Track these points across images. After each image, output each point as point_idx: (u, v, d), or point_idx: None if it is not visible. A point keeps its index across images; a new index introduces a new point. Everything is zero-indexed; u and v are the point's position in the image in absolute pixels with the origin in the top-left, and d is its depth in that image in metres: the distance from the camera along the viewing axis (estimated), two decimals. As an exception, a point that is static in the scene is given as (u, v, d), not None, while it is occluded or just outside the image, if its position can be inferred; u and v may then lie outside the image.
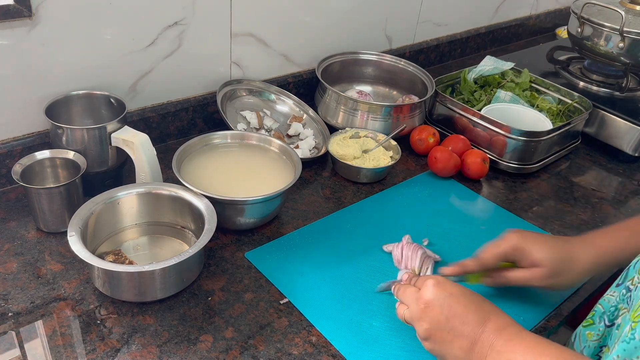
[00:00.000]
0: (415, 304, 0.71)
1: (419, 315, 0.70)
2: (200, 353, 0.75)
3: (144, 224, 0.92)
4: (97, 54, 1.01)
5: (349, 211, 1.04)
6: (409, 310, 0.73)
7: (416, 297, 0.71)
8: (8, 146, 0.98)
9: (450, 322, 0.68)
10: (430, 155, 1.16)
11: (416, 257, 0.90)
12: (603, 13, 1.36)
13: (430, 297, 0.69)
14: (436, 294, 0.69)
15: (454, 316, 0.68)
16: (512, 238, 0.82)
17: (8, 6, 0.88)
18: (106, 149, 0.95)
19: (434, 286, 0.70)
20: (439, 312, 0.68)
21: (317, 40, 1.34)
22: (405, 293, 0.74)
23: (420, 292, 0.71)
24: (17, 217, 0.94)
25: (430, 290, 0.70)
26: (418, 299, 0.71)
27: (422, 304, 0.70)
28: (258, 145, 1.06)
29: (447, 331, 0.68)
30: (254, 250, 0.93)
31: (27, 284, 0.82)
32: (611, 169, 1.29)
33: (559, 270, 0.79)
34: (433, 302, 0.69)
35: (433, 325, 0.69)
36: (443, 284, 0.70)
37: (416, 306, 0.71)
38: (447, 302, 0.68)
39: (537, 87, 1.40)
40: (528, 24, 1.95)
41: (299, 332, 0.80)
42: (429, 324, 0.69)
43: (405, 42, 1.57)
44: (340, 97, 1.22)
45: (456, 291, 0.70)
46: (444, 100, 1.28)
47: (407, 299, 0.73)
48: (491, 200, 1.13)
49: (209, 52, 1.16)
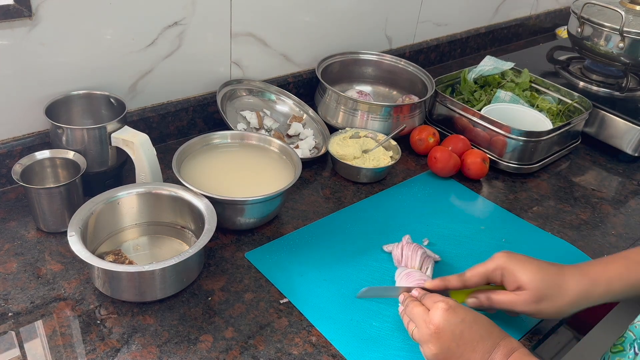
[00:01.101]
0: (425, 326, 0.71)
1: (428, 339, 0.70)
2: (200, 353, 0.75)
3: (144, 224, 0.92)
4: (97, 54, 1.01)
5: (348, 211, 1.04)
6: (418, 330, 0.72)
7: (425, 320, 0.71)
8: (8, 146, 0.98)
9: (461, 349, 0.68)
10: (430, 155, 1.16)
11: (416, 257, 0.90)
12: (603, 13, 1.36)
13: (442, 323, 0.69)
14: (447, 319, 0.69)
15: (465, 344, 0.68)
16: (499, 258, 0.79)
17: (8, 6, 0.88)
18: (106, 149, 0.95)
19: (445, 311, 0.70)
20: (449, 338, 0.68)
21: (317, 40, 1.34)
22: (413, 312, 0.73)
23: (430, 314, 0.71)
24: (17, 217, 0.94)
25: (441, 315, 0.69)
26: (427, 321, 0.70)
27: (433, 328, 0.70)
28: (258, 145, 1.06)
29: (457, 357, 0.68)
30: (254, 250, 0.93)
31: (27, 284, 0.82)
32: (611, 169, 1.29)
33: (545, 296, 0.75)
34: (445, 327, 0.69)
35: (443, 351, 0.69)
36: (455, 309, 0.70)
37: (426, 329, 0.70)
38: (458, 329, 0.68)
39: (537, 87, 1.40)
40: (528, 24, 1.95)
41: (299, 332, 0.80)
42: (439, 350, 0.69)
43: (405, 42, 1.57)
44: (340, 97, 1.22)
45: (467, 317, 0.70)
46: (444, 100, 1.28)
47: (416, 319, 0.73)
48: (491, 200, 1.13)
49: (209, 52, 1.16)
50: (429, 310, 0.71)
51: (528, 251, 0.83)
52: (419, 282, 0.84)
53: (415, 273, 0.87)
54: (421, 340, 0.71)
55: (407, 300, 0.76)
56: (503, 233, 1.03)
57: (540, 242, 1.02)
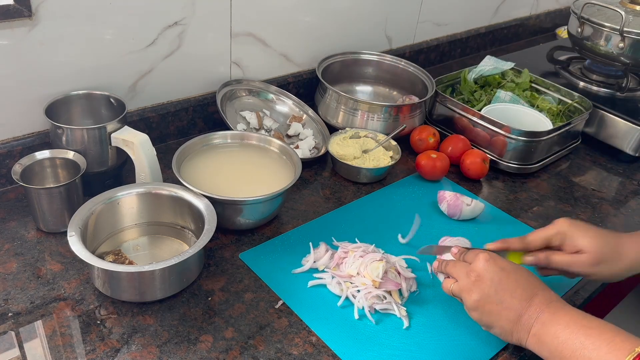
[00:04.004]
0: (466, 276, 0.75)
1: (470, 287, 0.74)
2: (200, 353, 0.75)
3: (144, 224, 0.92)
4: (97, 54, 1.01)
5: (345, 210, 1.04)
6: (458, 283, 0.76)
7: (467, 271, 0.75)
8: (8, 146, 0.98)
9: (500, 295, 0.72)
10: (416, 161, 1.16)
11: None
12: (603, 13, 1.36)
13: (482, 271, 0.74)
14: (488, 267, 0.74)
15: (504, 289, 0.72)
16: (561, 223, 0.83)
17: (8, 6, 0.88)
18: (106, 149, 0.95)
19: (486, 261, 0.74)
20: (489, 284, 0.73)
21: (317, 40, 1.34)
22: (455, 267, 0.78)
23: (472, 265, 0.75)
24: (17, 217, 0.94)
25: (482, 264, 0.74)
26: (469, 271, 0.75)
27: (474, 277, 0.74)
28: (258, 145, 1.06)
29: (495, 303, 0.72)
30: (248, 251, 0.92)
31: (27, 284, 0.82)
32: (611, 169, 1.29)
33: (603, 260, 0.80)
34: (484, 275, 0.73)
35: (483, 297, 0.73)
36: (495, 259, 0.74)
37: (467, 279, 0.75)
38: (497, 276, 0.73)
39: (537, 87, 1.40)
40: (528, 24, 1.95)
41: (298, 332, 0.80)
42: (479, 295, 0.73)
43: (405, 42, 1.57)
44: (341, 97, 1.22)
45: (507, 266, 0.74)
46: (444, 101, 1.28)
47: (457, 273, 0.77)
48: (491, 200, 1.13)
49: (209, 52, 1.16)
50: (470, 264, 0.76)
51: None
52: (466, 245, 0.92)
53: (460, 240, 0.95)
54: (462, 290, 0.75)
55: (447, 262, 0.80)
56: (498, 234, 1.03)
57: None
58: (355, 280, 0.85)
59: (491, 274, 0.73)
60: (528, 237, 0.84)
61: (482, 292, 0.73)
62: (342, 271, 0.87)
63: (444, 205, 1.05)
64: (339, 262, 0.88)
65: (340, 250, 0.90)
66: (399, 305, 0.84)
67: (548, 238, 0.83)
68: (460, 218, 1.04)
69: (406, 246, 0.97)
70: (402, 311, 0.83)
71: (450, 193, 1.04)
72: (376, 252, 0.88)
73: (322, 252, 0.90)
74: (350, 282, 0.86)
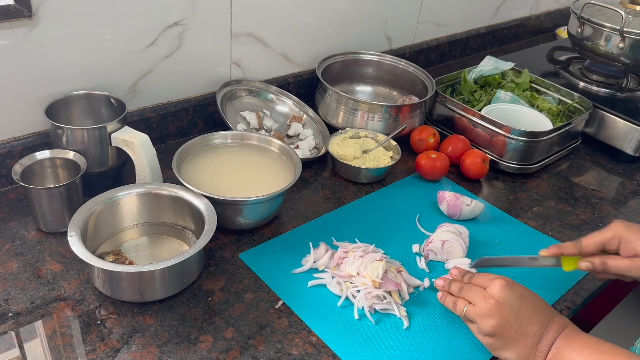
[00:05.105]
0: (484, 301, 0.75)
1: (488, 313, 0.74)
2: (200, 353, 0.75)
3: (144, 224, 0.92)
4: (97, 54, 1.01)
5: (345, 210, 1.04)
6: (474, 307, 0.75)
7: (484, 295, 0.75)
8: (8, 146, 0.98)
9: (519, 322, 0.73)
10: (416, 161, 1.16)
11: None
12: (603, 13, 1.36)
13: (501, 297, 0.73)
14: (507, 294, 0.74)
15: (523, 316, 0.73)
16: (616, 227, 0.82)
17: (8, 6, 0.88)
18: (106, 149, 0.95)
19: (504, 287, 0.74)
20: (509, 311, 0.73)
21: (317, 40, 1.34)
22: (470, 291, 0.77)
23: (489, 290, 0.75)
24: (17, 217, 0.94)
25: (500, 289, 0.74)
26: (487, 297, 0.75)
27: (493, 302, 0.74)
28: (258, 145, 1.06)
29: (514, 329, 0.73)
30: (249, 251, 0.92)
31: (27, 284, 0.82)
32: (611, 169, 1.29)
33: None
34: (504, 301, 0.73)
35: (502, 323, 0.73)
36: (512, 286, 0.75)
37: (484, 304, 0.74)
38: (517, 303, 0.73)
39: (537, 87, 1.40)
40: (528, 24, 1.95)
41: (298, 332, 0.80)
42: (498, 322, 0.73)
43: (405, 42, 1.57)
44: (341, 97, 1.22)
45: (524, 293, 0.75)
46: (444, 101, 1.28)
47: (473, 297, 0.76)
48: (491, 200, 1.13)
49: (209, 52, 1.16)
50: (485, 288, 0.76)
51: (524, 251, 0.83)
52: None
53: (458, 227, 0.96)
54: (479, 315, 0.75)
55: (460, 285, 0.80)
56: (497, 234, 1.03)
57: (535, 243, 1.01)
58: (355, 280, 0.85)
59: (511, 300, 0.73)
60: (582, 242, 0.83)
61: (501, 318, 0.73)
62: (342, 271, 0.87)
63: (443, 205, 1.05)
64: (339, 262, 0.88)
65: (340, 250, 0.90)
66: (399, 305, 0.84)
67: (604, 242, 0.82)
68: (460, 218, 1.04)
69: (406, 247, 0.97)
70: (402, 311, 0.84)
71: (450, 193, 1.05)
72: (376, 252, 0.88)
73: (322, 252, 0.90)
74: (350, 282, 0.86)
